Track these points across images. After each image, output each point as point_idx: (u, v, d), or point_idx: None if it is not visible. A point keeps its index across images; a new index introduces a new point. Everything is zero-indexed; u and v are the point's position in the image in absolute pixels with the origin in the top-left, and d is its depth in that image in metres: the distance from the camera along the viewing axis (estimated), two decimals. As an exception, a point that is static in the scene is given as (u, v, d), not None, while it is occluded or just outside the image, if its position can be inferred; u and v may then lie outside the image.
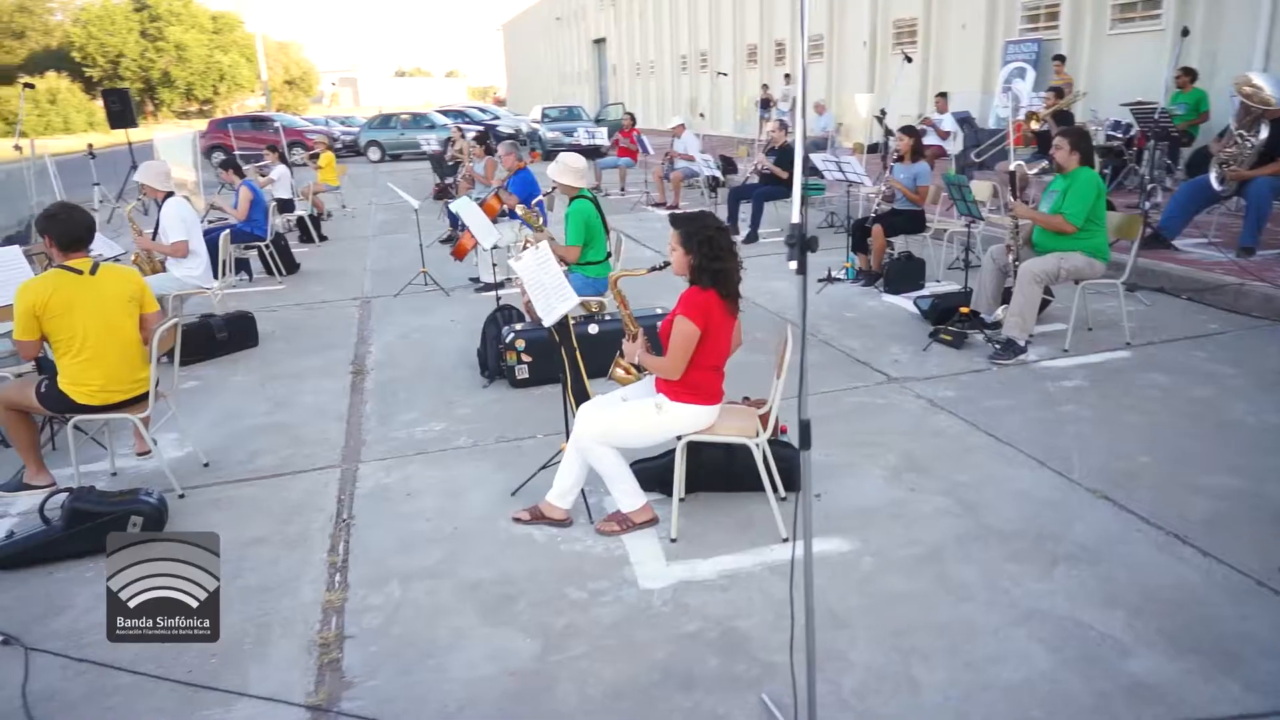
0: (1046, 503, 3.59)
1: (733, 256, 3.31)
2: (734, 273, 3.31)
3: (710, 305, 3.27)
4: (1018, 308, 5.25)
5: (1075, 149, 5.28)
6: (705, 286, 3.28)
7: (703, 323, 3.25)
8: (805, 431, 2.11)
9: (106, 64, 57.12)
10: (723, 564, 3.27)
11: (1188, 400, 4.60)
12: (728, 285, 3.29)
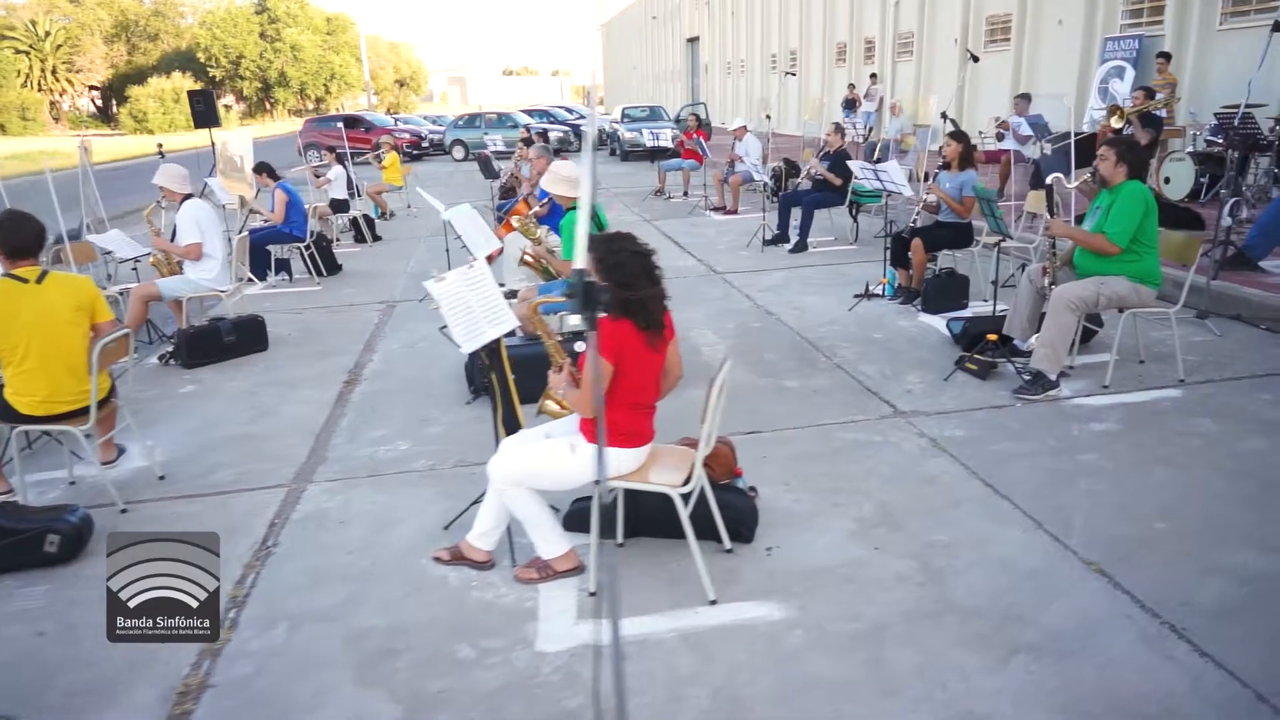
0: (1028, 574, 3.11)
1: (651, 282, 2.96)
2: (652, 301, 2.96)
3: (623, 338, 2.92)
4: (1048, 337, 4.69)
5: (1122, 160, 4.68)
6: (617, 317, 2.94)
7: (614, 357, 2.91)
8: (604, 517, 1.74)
9: (228, 64, 60.16)
10: (636, 627, 2.92)
11: (1233, 454, 3.98)
12: (645, 315, 2.94)
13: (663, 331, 3.04)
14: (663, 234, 10.94)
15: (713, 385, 2.95)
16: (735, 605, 3.01)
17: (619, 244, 2.98)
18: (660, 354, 3.06)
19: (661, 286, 3.01)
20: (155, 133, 48.05)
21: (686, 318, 6.81)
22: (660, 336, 3.02)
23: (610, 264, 2.94)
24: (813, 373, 5.37)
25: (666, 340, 3.11)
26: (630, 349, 2.94)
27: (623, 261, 2.93)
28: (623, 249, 2.96)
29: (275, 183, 8.88)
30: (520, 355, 4.94)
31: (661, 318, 3.02)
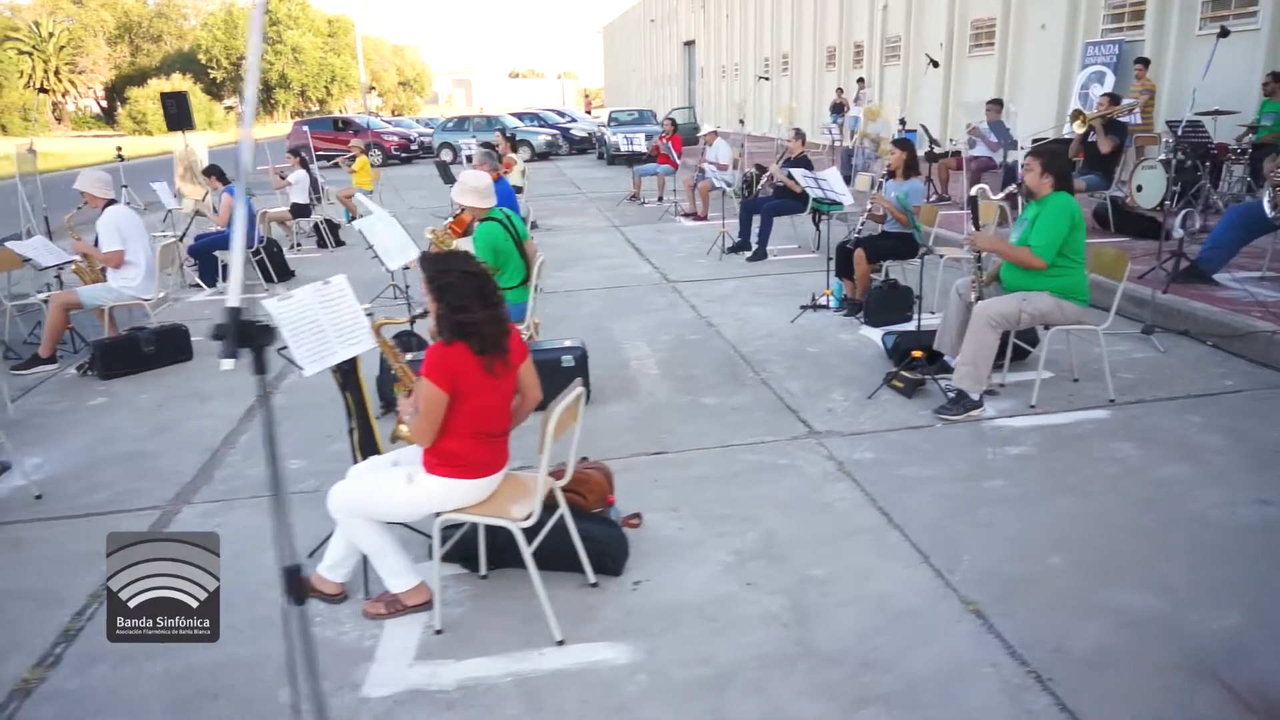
0: (900, 615, 2.92)
1: (486, 306, 2.78)
2: (489, 324, 2.78)
3: (457, 363, 2.75)
4: (969, 355, 4.50)
5: (1048, 171, 4.48)
6: (449, 341, 2.76)
7: (448, 385, 2.74)
8: (294, 582, 1.58)
9: (229, 66, 60.16)
10: (472, 670, 2.75)
11: (1148, 482, 3.78)
12: (480, 339, 2.77)
13: (506, 356, 2.87)
14: (627, 240, 10.77)
15: (550, 415, 2.76)
16: (583, 646, 2.83)
17: (450, 264, 2.81)
18: (505, 380, 2.88)
19: (500, 309, 2.84)
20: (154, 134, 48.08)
21: (625, 329, 6.65)
22: (503, 361, 2.85)
23: (441, 285, 2.77)
24: (736, 389, 5.18)
25: (513, 365, 2.93)
26: (466, 375, 2.76)
27: (453, 283, 2.76)
28: (453, 270, 2.79)
29: (224, 186, 8.74)
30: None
31: (503, 341, 2.85)
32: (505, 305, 2.91)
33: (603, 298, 7.72)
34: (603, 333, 6.56)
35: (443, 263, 2.84)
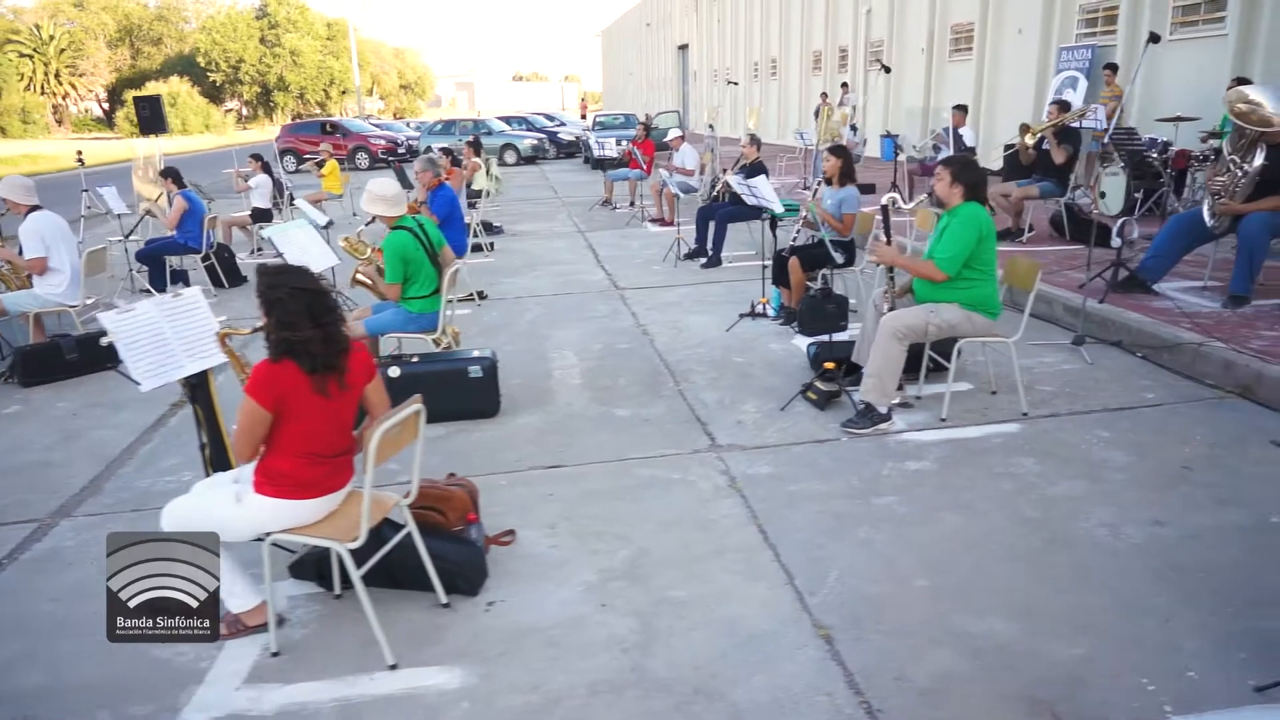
0: (748, 640, 2.83)
1: (316, 324, 2.70)
2: (318, 344, 2.70)
3: (284, 382, 2.67)
4: (875, 367, 4.41)
5: (957, 181, 4.40)
6: (276, 358, 2.69)
7: (271, 403, 2.66)
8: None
9: (228, 69, 60.32)
10: (297, 695, 2.67)
11: (1040, 499, 3.68)
12: (310, 358, 2.69)
13: (342, 376, 2.79)
14: (588, 245, 10.69)
15: (373, 432, 2.67)
16: (416, 671, 2.75)
17: (281, 279, 2.73)
18: (340, 400, 2.80)
19: (332, 328, 2.76)
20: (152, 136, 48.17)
21: (560, 337, 6.57)
22: (338, 382, 2.77)
23: (270, 300, 2.70)
24: (652, 400, 5.10)
25: (353, 385, 2.85)
26: (293, 395, 2.68)
27: (281, 299, 2.68)
28: (283, 285, 2.71)
29: (179, 189, 8.67)
30: (422, 373, 4.73)
31: (336, 361, 2.76)
32: (341, 324, 2.83)
33: (546, 304, 7.64)
34: (537, 340, 6.48)
35: (274, 277, 2.76)
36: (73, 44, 61.39)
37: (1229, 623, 2.79)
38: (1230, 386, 4.78)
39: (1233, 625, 2.78)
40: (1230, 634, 2.73)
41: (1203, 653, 2.65)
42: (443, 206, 7.29)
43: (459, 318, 7.24)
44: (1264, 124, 5.49)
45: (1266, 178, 5.59)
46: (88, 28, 62.66)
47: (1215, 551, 3.21)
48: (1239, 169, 5.66)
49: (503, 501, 3.88)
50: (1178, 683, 2.54)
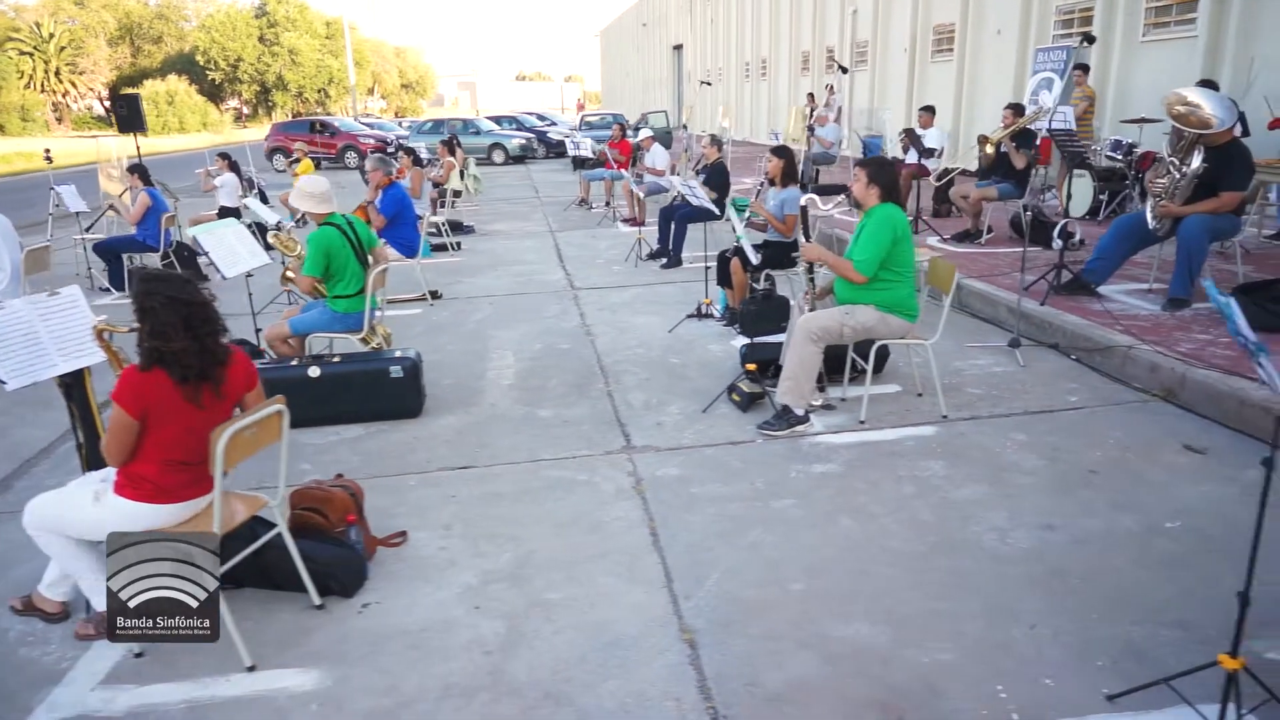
0: (612, 643, 2.80)
1: (191, 336, 2.68)
2: (191, 355, 2.68)
3: (151, 391, 2.65)
4: (790, 369, 4.38)
5: (874, 182, 4.37)
6: (145, 366, 2.67)
7: (138, 411, 2.64)
8: None
9: (227, 67, 60.40)
10: (150, 696, 2.65)
11: (941, 503, 3.65)
12: (181, 368, 2.67)
13: (218, 385, 2.77)
14: (555, 245, 10.67)
15: (221, 434, 2.65)
16: (274, 673, 2.73)
17: (157, 288, 2.71)
18: (215, 410, 2.77)
19: (208, 340, 2.73)
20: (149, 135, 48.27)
21: (503, 337, 6.55)
22: (213, 392, 2.75)
23: (144, 308, 2.68)
24: (578, 401, 5.08)
25: (229, 394, 2.83)
26: (160, 403, 2.67)
27: (154, 309, 2.67)
28: (157, 294, 2.69)
29: (144, 186, 8.66)
30: (342, 374, 4.72)
31: (211, 371, 2.75)
32: (220, 335, 2.81)
33: (499, 304, 7.62)
34: (479, 340, 6.46)
35: (150, 284, 2.74)
36: (73, 42, 61.44)
37: (1096, 629, 2.76)
38: (1156, 390, 4.75)
39: (1099, 632, 2.75)
40: (1095, 641, 2.70)
41: (1063, 660, 2.63)
42: (390, 205, 7.28)
43: (408, 317, 7.25)
44: (1203, 125, 5.45)
45: (1205, 180, 5.56)
46: (88, 26, 62.72)
47: (1099, 558, 3.18)
48: (1178, 171, 5.62)
49: (406, 502, 3.86)
50: (1032, 690, 2.51)
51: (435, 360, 5.98)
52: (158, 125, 49.10)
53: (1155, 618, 2.81)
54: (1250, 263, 7.07)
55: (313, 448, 4.53)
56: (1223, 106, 5.41)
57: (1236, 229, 5.87)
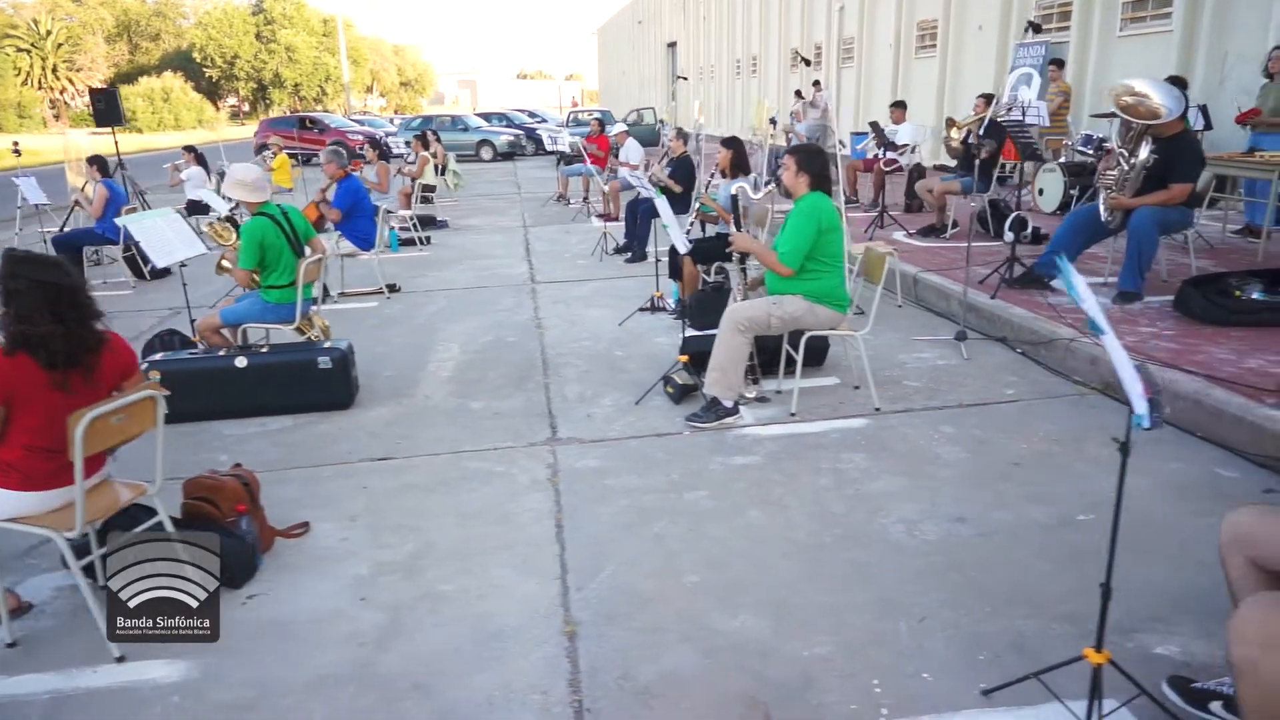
0: (490, 636, 2.74)
1: (58, 320, 2.62)
2: (57, 340, 2.62)
3: (15, 374, 2.60)
4: (718, 360, 4.32)
5: (803, 170, 4.31)
6: (10, 350, 2.61)
7: (1, 395, 2.58)
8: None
9: (224, 64, 60.37)
10: (15, 686, 2.60)
11: (855, 495, 3.59)
12: (46, 354, 2.61)
13: (89, 372, 2.71)
14: (526, 240, 10.61)
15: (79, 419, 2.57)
16: (142, 664, 2.66)
17: (23, 269, 2.65)
18: (83, 396, 2.70)
19: (77, 324, 2.67)
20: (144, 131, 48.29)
21: (453, 330, 6.49)
22: (82, 378, 2.69)
23: (8, 290, 2.63)
24: (514, 393, 5.02)
25: (101, 382, 2.77)
26: (25, 388, 2.61)
27: (20, 290, 2.61)
28: (23, 276, 2.63)
29: (102, 178, 8.61)
30: (269, 364, 4.67)
31: (81, 357, 2.69)
32: (92, 320, 2.75)
33: (456, 298, 7.56)
34: (428, 333, 6.40)
35: (15, 266, 2.68)
36: (70, 39, 61.43)
37: (986, 623, 2.70)
38: (1094, 383, 4.68)
39: (989, 626, 2.69)
40: (982, 635, 2.64)
41: (946, 654, 2.56)
42: (344, 198, 7.22)
43: (362, 311, 7.20)
44: (1151, 115, 5.38)
45: (1155, 171, 5.49)
46: (85, 23, 62.70)
47: (1003, 550, 3.12)
48: (1126, 163, 5.56)
49: (317, 494, 3.81)
50: (909, 684, 2.45)
51: (380, 352, 5.93)
52: (153, 122, 49.13)
53: (1049, 611, 2.74)
54: (1214, 257, 7.02)
55: (234, 438, 4.48)
56: (1171, 96, 5.34)
57: (1188, 221, 5.79)
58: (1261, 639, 1.69)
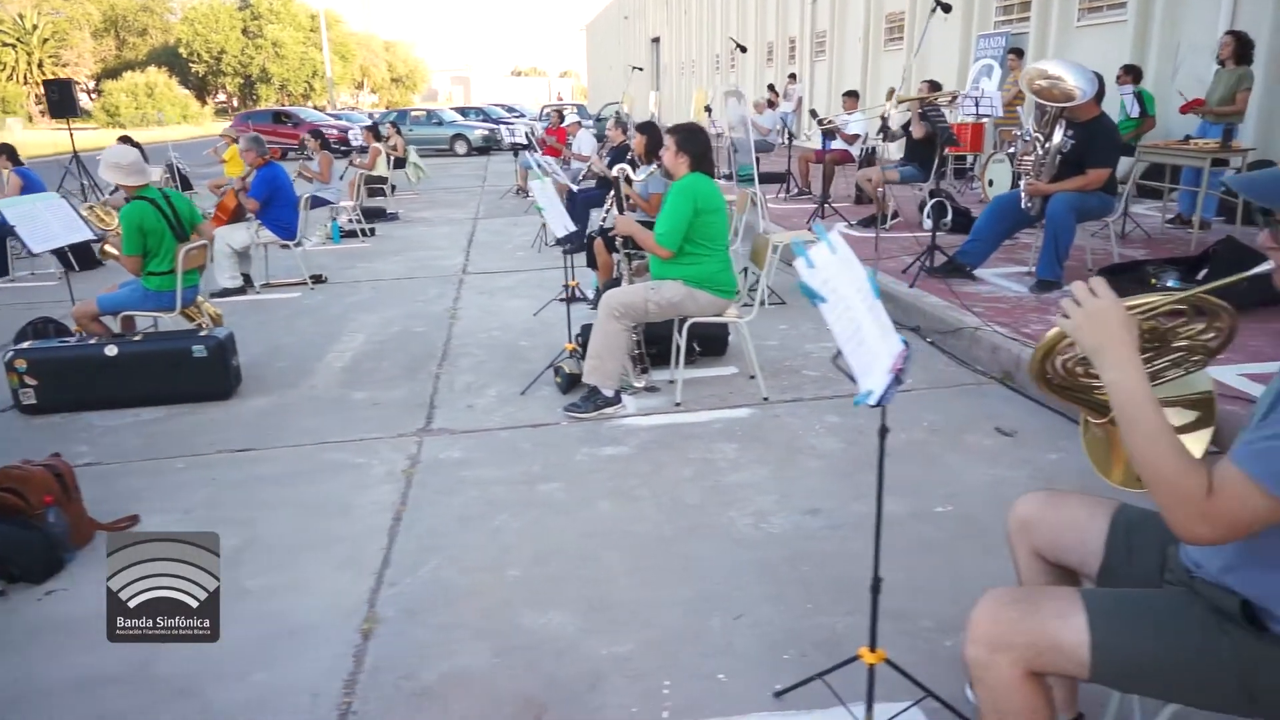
0: (284, 634, 2.59)
1: None
2: None
3: None
4: (595, 348, 4.16)
5: (683, 150, 4.16)
6: None
7: None
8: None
9: (210, 59, 60.02)
10: None
11: (711, 487, 3.44)
12: None
13: None
14: (472, 232, 10.45)
15: None
16: (-97, 664, 2.51)
17: None
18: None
19: None
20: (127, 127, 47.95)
21: (365, 320, 6.34)
22: None
23: None
24: (403, 383, 4.86)
25: None
26: None
27: None
28: None
29: (14, 167, 8.42)
30: (141, 352, 4.53)
31: None
32: None
33: (380, 289, 7.40)
34: (338, 324, 6.24)
35: None
36: (56, 34, 61.02)
37: (802, 620, 2.55)
38: (995, 372, 4.54)
39: (804, 622, 2.54)
40: (794, 632, 2.50)
41: (751, 653, 2.42)
42: (261, 187, 7.05)
43: (278, 301, 7.04)
44: (1066, 98, 5.23)
45: (1071, 157, 5.35)
46: (72, 18, 62.27)
47: (846, 543, 2.98)
48: (1042, 147, 5.41)
49: (160, 486, 3.65)
50: (702, 685, 2.30)
51: (284, 342, 5.78)
52: (136, 118, 48.78)
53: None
54: (1149, 247, 6.89)
55: (101, 429, 4.32)
56: (1085, 78, 5.19)
57: (1109, 208, 5.64)
58: (990, 639, 1.55)
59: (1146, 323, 1.65)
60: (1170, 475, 1.35)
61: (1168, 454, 1.36)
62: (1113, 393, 1.45)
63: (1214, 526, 1.33)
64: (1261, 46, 7.94)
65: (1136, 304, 1.58)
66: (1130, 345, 1.47)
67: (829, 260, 1.77)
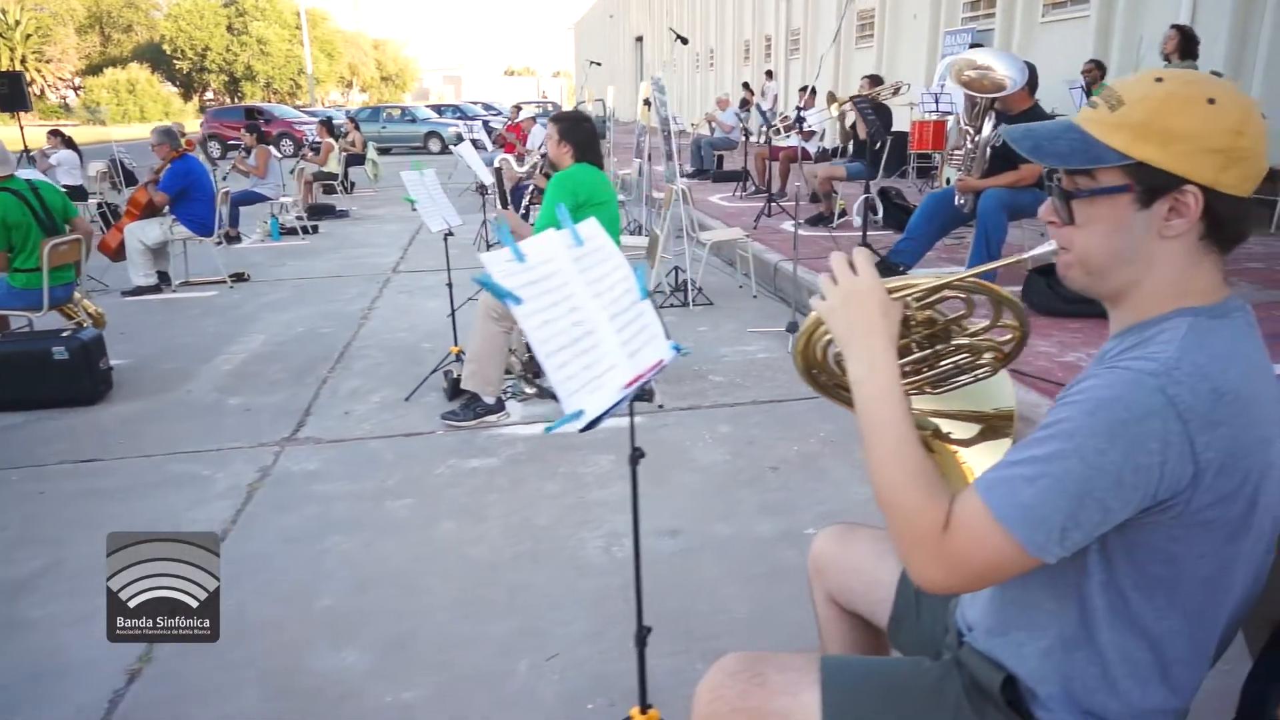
0: (51, 673, 2.32)
1: None
2: None
3: None
4: (474, 353, 3.89)
5: (565, 139, 3.89)
6: None
7: None
8: None
9: (194, 56, 59.56)
10: None
11: (573, 504, 3.17)
12: None
13: None
14: (415, 230, 10.16)
15: None
16: None
17: None
18: None
19: None
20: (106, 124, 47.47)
21: (274, 319, 6.06)
22: None
23: None
24: (285, 387, 4.58)
25: None
26: None
27: None
28: None
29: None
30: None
31: None
32: None
33: (301, 288, 7.11)
34: (244, 324, 5.95)
35: None
36: (40, 30, 60.49)
37: (619, 661, 2.27)
38: (908, 379, 4.26)
39: (617, 666, 2.25)
40: (605, 676, 2.23)
41: (548, 703, 2.15)
42: (173, 181, 6.76)
43: (191, 300, 6.75)
44: (997, 88, 4.97)
45: (1003, 151, 5.08)
46: (56, 14, 61.73)
47: (697, 569, 2.71)
48: (972, 141, 5.15)
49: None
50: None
51: (180, 343, 5.49)
52: (118, 114, 48.35)
53: (702, 645, 2.33)
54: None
55: (-56, 437, 4.03)
56: (1015, 67, 4.93)
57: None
58: (707, 715, 1.28)
59: (922, 312, 1.35)
60: (908, 502, 1.07)
61: (913, 476, 1.08)
62: (856, 392, 1.17)
63: (949, 571, 1.04)
64: (1221, 39, 7.73)
65: (899, 285, 1.29)
66: (886, 335, 1.18)
67: (554, 256, 1.48)
